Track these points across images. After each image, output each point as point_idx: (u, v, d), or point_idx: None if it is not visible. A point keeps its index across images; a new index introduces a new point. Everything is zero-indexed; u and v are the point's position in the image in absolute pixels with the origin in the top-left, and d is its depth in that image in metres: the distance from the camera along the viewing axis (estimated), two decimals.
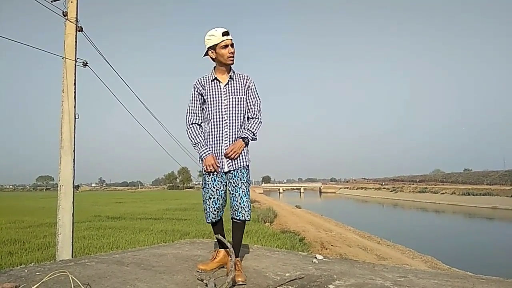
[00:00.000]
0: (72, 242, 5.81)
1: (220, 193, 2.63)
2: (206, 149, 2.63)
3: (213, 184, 2.63)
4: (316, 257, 3.25)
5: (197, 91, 2.73)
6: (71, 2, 6.07)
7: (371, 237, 17.14)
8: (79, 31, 6.14)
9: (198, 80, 2.74)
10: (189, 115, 2.74)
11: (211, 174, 2.62)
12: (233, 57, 2.64)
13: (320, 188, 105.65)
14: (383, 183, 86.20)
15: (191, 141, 2.70)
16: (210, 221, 2.71)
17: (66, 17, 6.02)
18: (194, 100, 2.74)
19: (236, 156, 2.59)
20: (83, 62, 6.24)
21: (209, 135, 2.67)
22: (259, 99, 2.76)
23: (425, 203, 47.94)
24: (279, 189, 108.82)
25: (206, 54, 2.69)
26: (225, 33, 2.59)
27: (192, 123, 2.73)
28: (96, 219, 18.48)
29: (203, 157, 2.62)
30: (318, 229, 17.87)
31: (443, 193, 51.84)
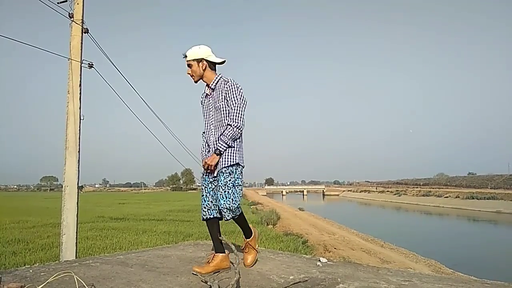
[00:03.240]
0: (76, 242, 5.83)
1: (209, 191, 2.82)
2: (204, 149, 2.94)
3: (203, 183, 2.86)
4: (320, 260, 3.25)
5: (201, 104, 3.02)
6: (77, 4, 6.11)
7: (374, 240, 17.08)
8: (85, 32, 6.18)
9: (201, 95, 3.04)
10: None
11: (203, 175, 2.86)
12: (192, 76, 2.87)
13: (323, 190, 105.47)
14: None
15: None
16: (202, 218, 2.85)
17: (72, 19, 6.06)
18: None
19: (212, 168, 2.75)
20: (88, 63, 6.27)
21: None
22: (237, 103, 2.76)
23: (429, 206, 47.71)
24: (282, 191, 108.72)
25: None
26: (184, 56, 2.85)
27: (202, 132, 3.01)
28: (99, 219, 18.54)
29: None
30: (321, 232, 17.83)
31: (447, 197, 51.56)
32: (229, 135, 2.71)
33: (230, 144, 2.74)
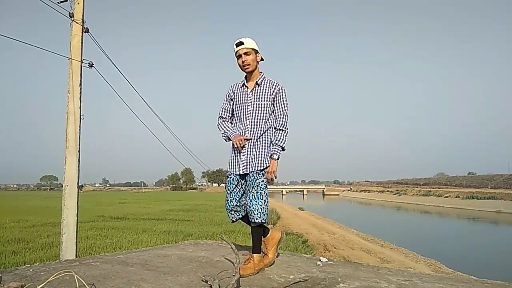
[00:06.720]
0: (76, 242, 5.83)
1: (233, 195, 2.76)
2: (234, 131, 2.83)
3: (228, 186, 2.78)
4: (320, 260, 3.25)
5: (228, 95, 2.94)
6: (78, 3, 6.10)
7: (374, 239, 17.08)
8: (85, 32, 6.17)
9: (231, 85, 2.97)
10: (220, 112, 2.95)
11: (228, 176, 2.79)
12: (247, 65, 2.76)
13: (323, 190, 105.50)
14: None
15: (220, 131, 2.89)
16: (230, 220, 2.84)
17: (72, 18, 6.05)
18: (225, 101, 2.95)
19: (274, 175, 2.71)
20: (89, 63, 6.27)
21: None
22: (286, 108, 2.80)
23: (429, 206, 47.75)
24: (282, 191, 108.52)
25: None
26: (238, 44, 2.74)
27: (220, 117, 2.93)
28: (99, 219, 18.52)
29: (231, 136, 2.79)
30: (321, 231, 17.84)
31: (447, 197, 51.59)
32: (282, 140, 2.75)
33: (284, 147, 2.77)
